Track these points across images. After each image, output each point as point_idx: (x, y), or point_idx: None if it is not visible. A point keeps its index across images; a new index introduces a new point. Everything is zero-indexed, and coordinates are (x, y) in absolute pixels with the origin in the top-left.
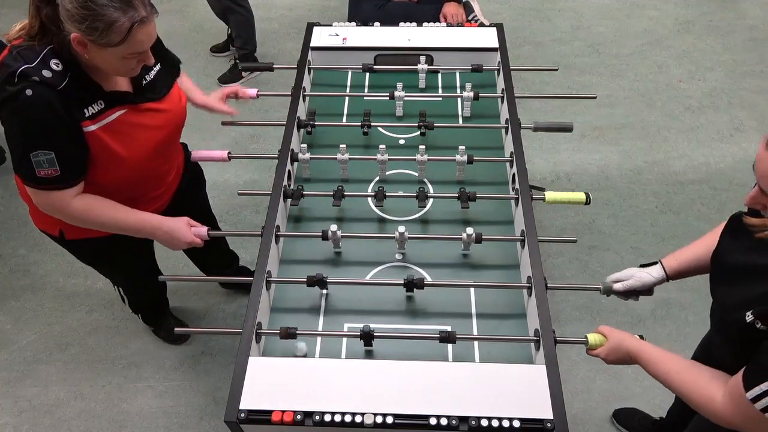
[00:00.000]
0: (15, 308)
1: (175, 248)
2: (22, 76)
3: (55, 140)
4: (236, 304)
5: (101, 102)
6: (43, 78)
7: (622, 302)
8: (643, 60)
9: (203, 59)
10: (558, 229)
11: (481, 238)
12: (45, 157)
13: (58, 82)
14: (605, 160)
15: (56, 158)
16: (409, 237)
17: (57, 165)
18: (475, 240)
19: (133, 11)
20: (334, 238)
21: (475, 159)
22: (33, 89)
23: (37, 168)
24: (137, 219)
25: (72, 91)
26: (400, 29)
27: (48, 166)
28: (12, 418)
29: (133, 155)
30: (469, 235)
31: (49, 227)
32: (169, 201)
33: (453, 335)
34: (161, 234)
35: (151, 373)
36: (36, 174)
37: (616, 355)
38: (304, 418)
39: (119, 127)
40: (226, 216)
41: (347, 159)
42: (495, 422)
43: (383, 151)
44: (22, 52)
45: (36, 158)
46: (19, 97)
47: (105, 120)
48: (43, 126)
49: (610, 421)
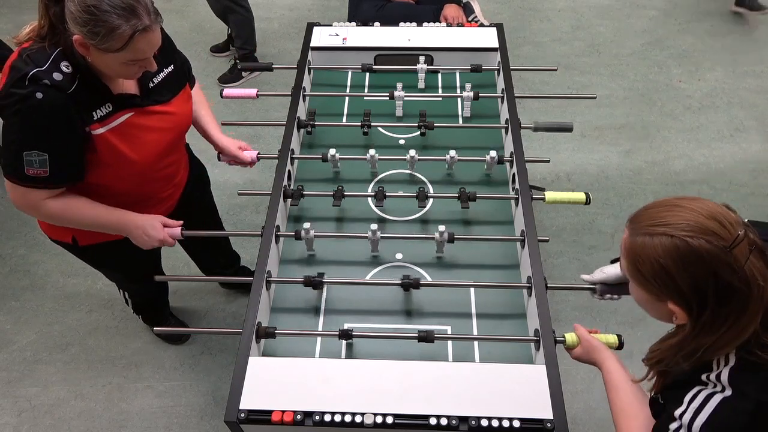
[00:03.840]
0: (15, 308)
1: (146, 246)
2: (32, 79)
3: (53, 144)
4: (236, 304)
5: (109, 105)
6: (54, 81)
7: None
8: (643, 60)
9: (203, 59)
10: (558, 229)
11: (453, 238)
12: (38, 158)
13: (68, 85)
14: (605, 160)
15: (49, 160)
16: (409, 237)
17: (48, 167)
18: (448, 239)
19: (135, 19)
20: (333, 161)
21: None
22: (44, 93)
23: (27, 166)
24: (112, 216)
25: (81, 93)
26: (400, 29)
27: (39, 166)
28: (12, 418)
29: (142, 157)
30: (441, 233)
31: (62, 236)
32: (178, 201)
33: (431, 335)
34: (134, 230)
35: (151, 373)
36: (24, 171)
37: (586, 361)
38: (304, 418)
39: (127, 129)
40: (226, 216)
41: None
42: (495, 422)
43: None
44: (32, 55)
45: (28, 157)
46: (28, 100)
47: (113, 123)
48: (45, 129)
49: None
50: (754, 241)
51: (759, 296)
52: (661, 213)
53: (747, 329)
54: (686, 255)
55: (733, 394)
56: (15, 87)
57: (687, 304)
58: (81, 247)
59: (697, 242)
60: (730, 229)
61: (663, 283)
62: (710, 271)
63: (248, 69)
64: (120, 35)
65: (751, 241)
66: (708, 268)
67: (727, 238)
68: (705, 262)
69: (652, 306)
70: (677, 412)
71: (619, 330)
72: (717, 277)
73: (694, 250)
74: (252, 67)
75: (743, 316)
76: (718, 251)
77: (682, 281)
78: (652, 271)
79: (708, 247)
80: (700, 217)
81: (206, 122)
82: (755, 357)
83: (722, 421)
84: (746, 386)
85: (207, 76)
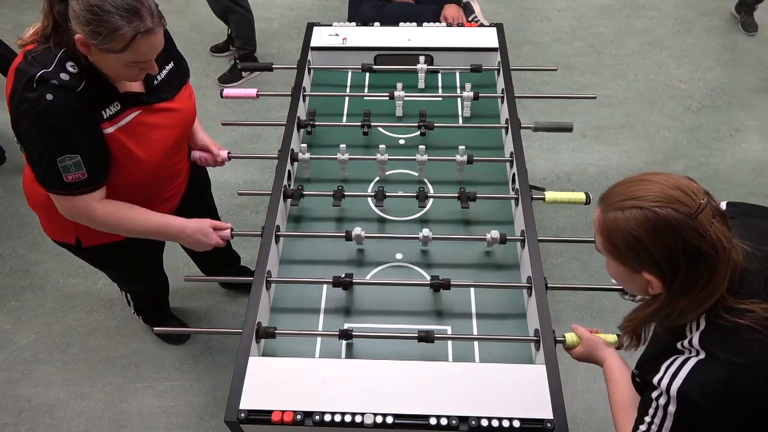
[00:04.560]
0: (15, 308)
1: (199, 249)
2: (40, 81)
3: (79, 143)
4: (236, 304)
5: (117, 103)
6: (62, 81)
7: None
8: (643, 60)
9: (203, 59)
10: (558, 229)
11: (431, 238)
12: (71, 161)
13: (76, 84)
14: (605, 160)
15: (82, 160)
16: (408, 237)
17: (84, 168)
18: (431, 237)
19: (138, 21)
20: (358, 239)
21: (475, 159)
22: (53, 93)
23: (65, 173)
24: (161, 222)
25: (90, 92)
26: (400, 29)
27: (75, 169)
28: (12, 418)
29: (150, 156)
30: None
31: (65, 237)
32: (180, 201)
33: (431, 335)
34: (185, 237)
35: (151, 373)
36: (64, 180)
37: (587, 360)
38: (304, 418)
39: (135, 128)
40: (226, 216)
41: (347, 159)
42: (495, 422)
43: (383, 151)
44: (37, 57)
45: (62, 163)
46: (40, 103)
47: (122, 121)
48: (66, 130)
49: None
50: (717, 208)
51: (725, 258)
52: (630, 188)
53: (717, 291)
54: (656, 224)
55: (706, 356)
56: (24, 91)
57: (661, 271)
58: (85, 248)
59: (665, 211)
60: (694, 197)
61: (637, 253)
62: (679, 238)
63: (248, 69)
64: (122, 36)
65: (713, 207)
66: (677, 235)
67: (692, 205)
68: (674, 229)
69: (628, 278)
70: (656, 379)
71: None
72: (686, 243)
73: (663, 219)
74: (252, 67)
75: (713, 279)
76: (685, 218)
77: (654, 250)
78: (626, 243)
79: (675, 215)
80: (665, 188)
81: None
82: (722, 320)
83: (698, 382)
84: (716, 348)
85: (207, 76)
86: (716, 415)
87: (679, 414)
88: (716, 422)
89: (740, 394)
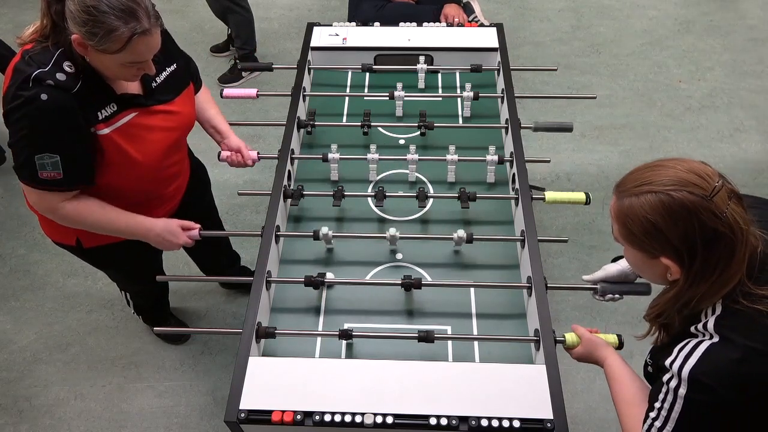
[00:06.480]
0: (15, 308)
1: (167, 249)
2: (36, 80)
3: (64, 144)
4: (236, 304)
5: (114, 105)
6: (58, 82)
7: (623, 302)
8: (643, 60)
9: (203, 59)
10: (558, 229)
11: (472, 238)
12: (50, 160)
13: (72, 85)
14: (605, 160)
15: (61, 162)
16: (408, 237)
17: (61, 168)
18: (467, 240)
19: (135, 22)
20: (326, 238)
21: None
22: (48, 93)
23: (40, 170)
24: (129, 221)
25: (85, 93)
26: (400, 29)
27: (51, 168)
28: (12, 418)
29: (146, 157)
30: (461, 237)
31: (65, 238)
32: (180, 202)
33: (431, 335)
34: (154, 236)
35: (151, 373)
36: (38, 175)
37: (587, 360)
38: (304, 418)
39: (132, 129)
40: (226, 216)
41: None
42: (495, 422)
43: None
44: (34, 57)
45: (41, 160)
46: (34, 102)
47: (118, 123)
48: (54, 130)
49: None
50: (732, 190)
51: (743, 240)
52: (644, 174)
53: (735, 275)
54: (672, 208)
55: (720, 340)
56: (19, 89)
57: (678, 255)
58: (85, 249)
59: (680, 194)
60: (709, 180)
61: (654, 238)
62: (696, 220)
63: (248, 69)
64: (118, 37)
65: (729, 189)
66: (693, 218)
67: (707, 188)
68: (690, 211)
69: (647, 265)
70: (668, 362)
71: (619, 330)
72: (703, 225)
73: (679, 202)
74: (252, 67)
75: (731, 262)
76: (701, 200)
77: (671, 234)
78: (643, 228)
79: (691, 197)
80: (679, 172)
81: (218, 121)
82: (740, 305)
83: (711, 365)
84: (732, 332)
85: (207, 76)
86: (727, 400)
87: (689, 397)
88: (726, 408)
89: (754, 380)
